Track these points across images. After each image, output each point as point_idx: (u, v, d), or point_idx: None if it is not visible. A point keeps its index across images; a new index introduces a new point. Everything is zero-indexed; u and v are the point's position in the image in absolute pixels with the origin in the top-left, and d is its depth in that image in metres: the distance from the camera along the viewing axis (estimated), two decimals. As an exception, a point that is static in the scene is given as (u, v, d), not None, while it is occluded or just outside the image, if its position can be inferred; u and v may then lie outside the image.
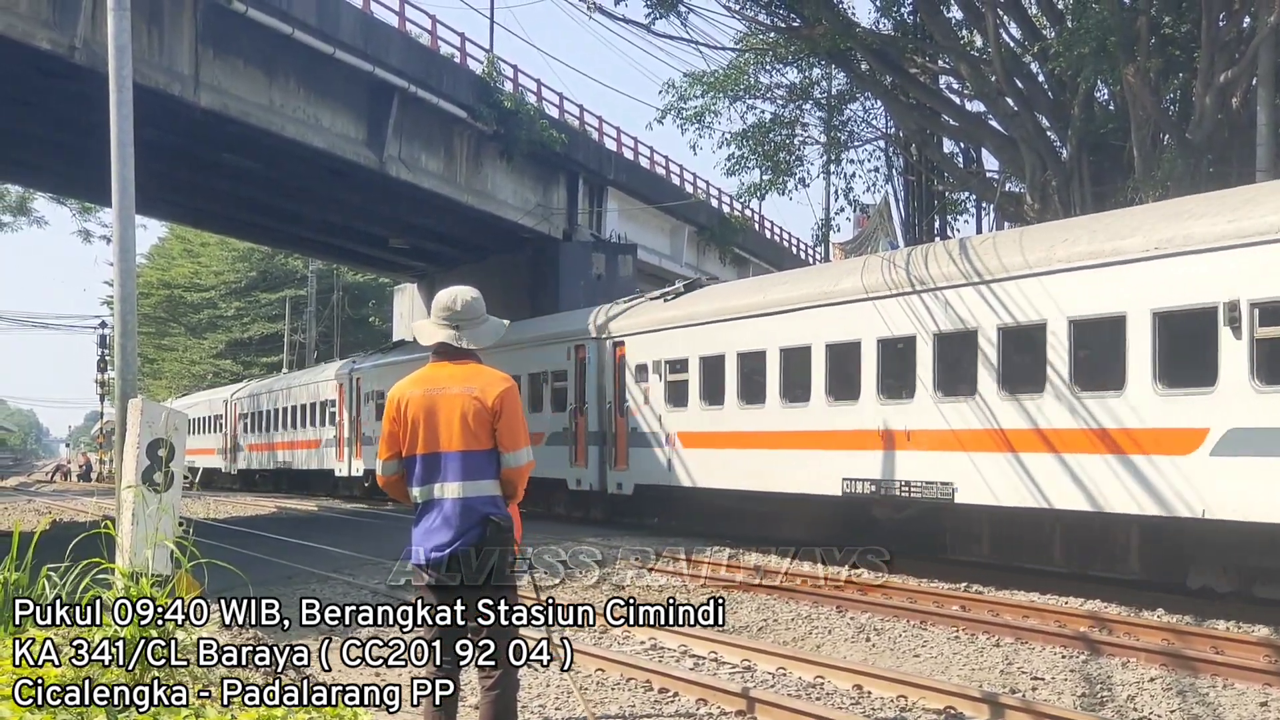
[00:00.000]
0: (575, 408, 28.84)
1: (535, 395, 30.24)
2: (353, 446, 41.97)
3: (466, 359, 7.09)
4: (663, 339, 26.19)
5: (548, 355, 30.13)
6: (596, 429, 28.14)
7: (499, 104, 39.06)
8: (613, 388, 27.71)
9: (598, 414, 28.15)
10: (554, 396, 29.86)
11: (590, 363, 28.50)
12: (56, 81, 27.63)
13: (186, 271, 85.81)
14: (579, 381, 28.89)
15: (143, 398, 10.22)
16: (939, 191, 35.52)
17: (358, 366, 42.55)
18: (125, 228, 11.74)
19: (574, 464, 28.84)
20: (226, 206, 44.94)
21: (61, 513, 37.05)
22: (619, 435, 27.43)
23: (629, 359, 27.12)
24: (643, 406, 26.52)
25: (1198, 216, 15.67)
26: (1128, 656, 12.59)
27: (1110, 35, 22.98)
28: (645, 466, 26.41)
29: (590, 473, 28.32)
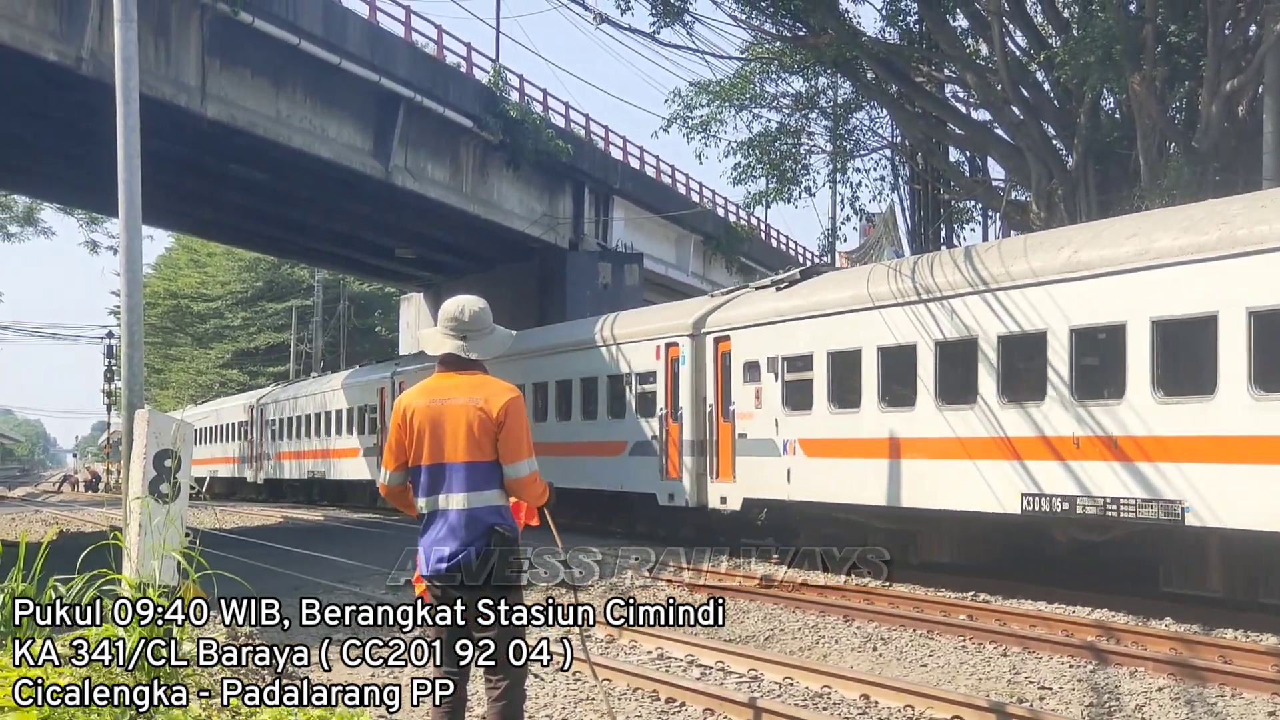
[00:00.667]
0: (666, 413, 25.79)
1: (615, 401, 27.87)
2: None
3: (473, 369, 7.07)
4: (779, 333, 22.78)
5: (631, 355, 27.33)
6: (693, 437, 25.01)
7: (505, 114, 39.10)
8: (714, 389, 24.56)
9: (694, 420, 25.02)
10: (639, 401, 26.89)
11: (685, 362, 25.40)
12: (63, 92, 27.73)
13: (193, 281, 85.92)
14: (670, 384, 25.84)
15: (149, 408, 10.24)
16: (945, 200, 35.52)
17: (404, 370, 39.51)
18: (132, 238, 11.76)
19: (665, 476, 25.70)
20: (233, 217, 45.01)
21: (68, 523, 37.13)
22: (722, 443, 24.28)
23: (735, 356, 23.86)
24: (753, 410, 23.18)
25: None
26: (1135, 666, 12.56)
27: (1116, 44, 22.98)
28: (756, 478, 23.08)
29: (685, 486, 25.06)
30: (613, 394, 27.86)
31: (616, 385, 27.75)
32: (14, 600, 8.01)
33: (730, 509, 24.05)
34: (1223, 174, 23.19)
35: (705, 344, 24.90)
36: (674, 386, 25.66)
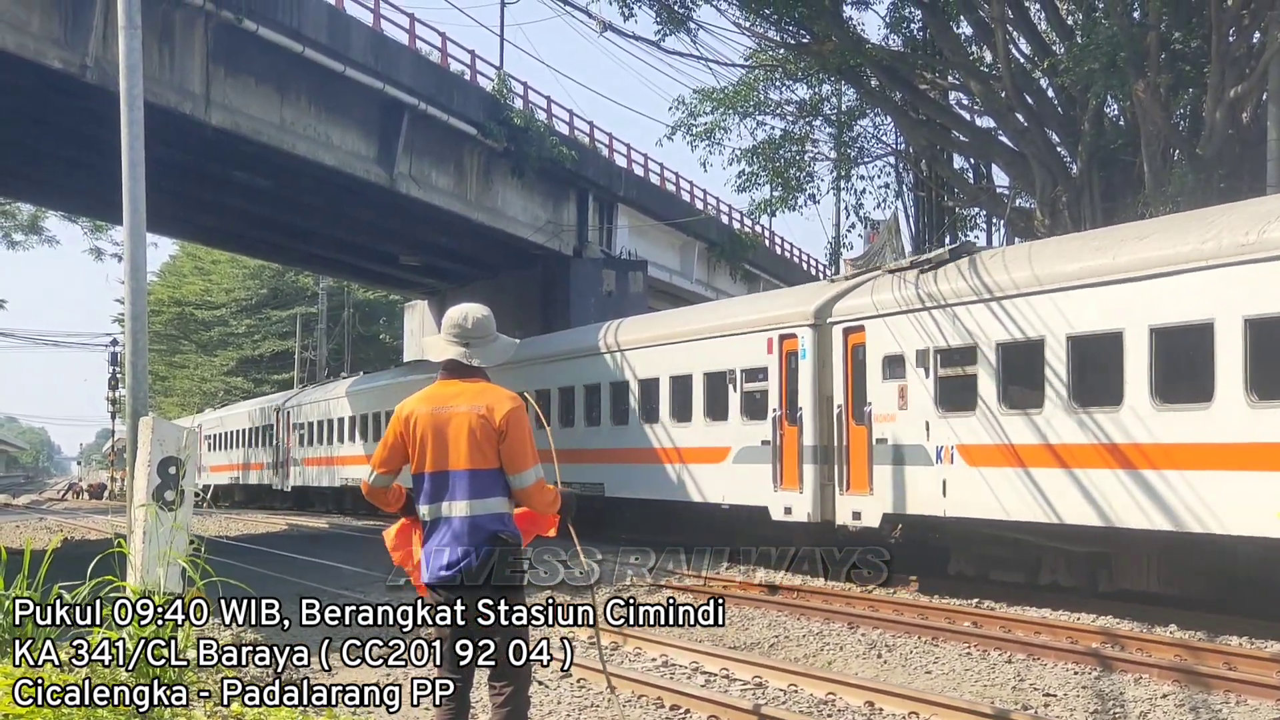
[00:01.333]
0: (780, 414, 22.54)
1: (715, 401, 24.69)
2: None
3: (475, 377, 7.08)
4: (930, 321, 19.57)
5: (734, 350, 24.04)
6: (816, 442, 21.72)
7: (509, 121, 39.14)
8: (844, 388, 21.27)
9: (818, 422, 21.74)
10: (745, 402, 23.68)
11: (805, 356, 22.06)
12: (68, 99, 27.75)
13: (197, 289, 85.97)
14: (786, 381, 22.57)
15: (154, 415, 10.25)
16: (949, 207, 35.52)
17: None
18: (136, 245, 11.79)
19: (780, 487, 22.39)
20: (237, 224, 45.05)
21: (73, 531, 37.11)
22: (854, 450, 21.02)
23: (872, 349, 20.65)
24: (896, 411, 20.07)
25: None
26: (1140, 673, 12.55)
27: (1120, 51, 22.99)
28: (900, 490, 19.87)
29: (806, 498, 21.71)
30: (712, 394, 24.72)
31: (717, 384, 24.60)
32: (15, 603, 8.02)
33: (864, 525, 20.74)
34: (1227, 181, 23.20)
35: (831, 335, 21.67)
36: (790, 384, 22.49)
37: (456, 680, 6.99)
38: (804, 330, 22.21)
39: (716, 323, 25.43)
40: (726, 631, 16.13)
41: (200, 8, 28.01)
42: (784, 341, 22.70)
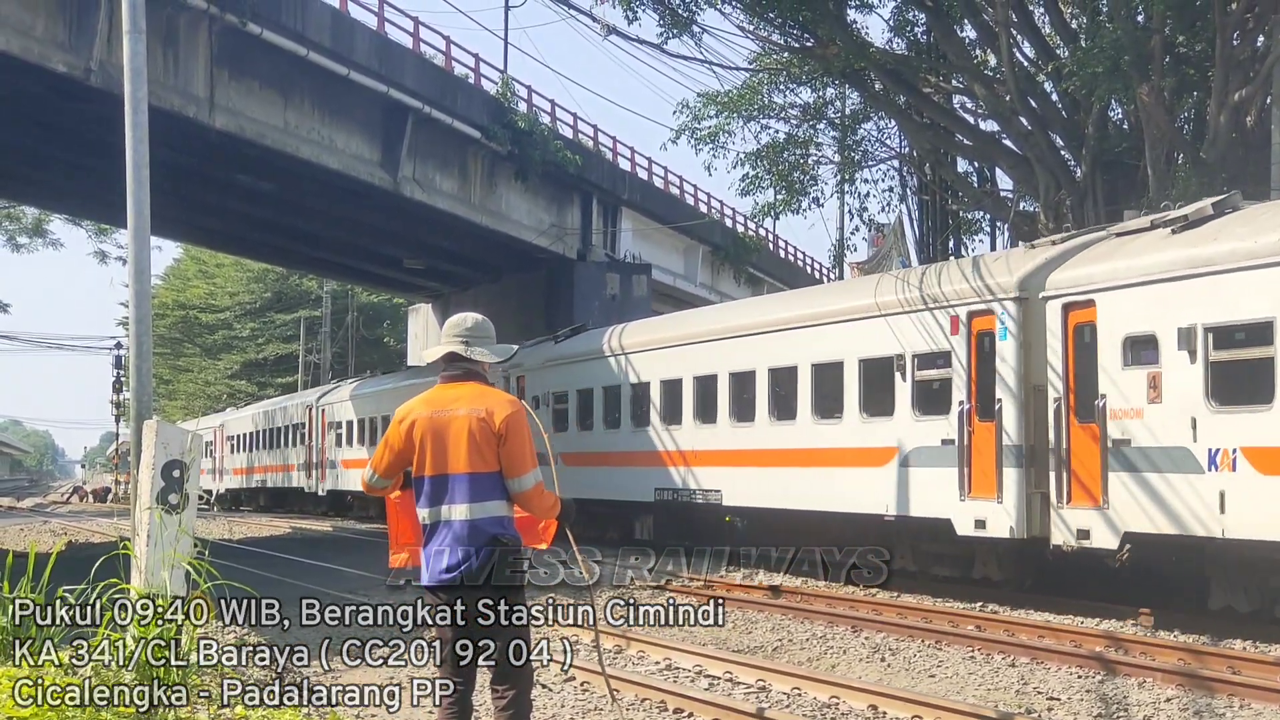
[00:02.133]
0: (969, 408, 18.85)
1: (874, 392, 21.01)
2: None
3: (475, 380, 7.10)
4: (1197, 291, 15.81)
5: (906, 331, 20.26)
6: (1021, 441, 18.03)
7: (513, 124, 39.15)
8: (1063, 375, 17.52)
9: (1024, 417, 18.05)
10: (920, 393, 20.00)
11: (1006, 337, 18.52)
12: (72, 103, 27.78)
13: (201, 292, 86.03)
14: (977, 367, 18.98)
15: (158, 419, 10.26)
16: (953, 211, 35.51)
17: (518, 360, 31.80)
18: (140, 249, 11.80)
19: (968, 495, 18.61)
20: (241, 227, 45.09)
21: (77, 534, 37.14)
22: (1078, 452, 17.31)
23: (1107, 328, 17.00)
24: (1144, 405, 16.44)
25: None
26: (1144, 676, 12.54)
27: (1124, 54, 22.99)
28: (1150, 503, 16.18)
29: (1007, 510, 17.99)
30: (870, 384, 21.05)
31: (878, 372, 20.86)
32: (16, 605, 8.03)
33: (1095, 546, 17.00)
34: (1230, 184, 23.19)
35: (1045, 312, 17.84)
36: (983, 371, 18.82)
37: (458, 682, 7.00)
38: (1004, 306, 18.55)
39: (876, 300, 21.06)
40: (730, 635, 16.13)
41: (204, 11, 28.03)
42: (974, 320, 18.99)
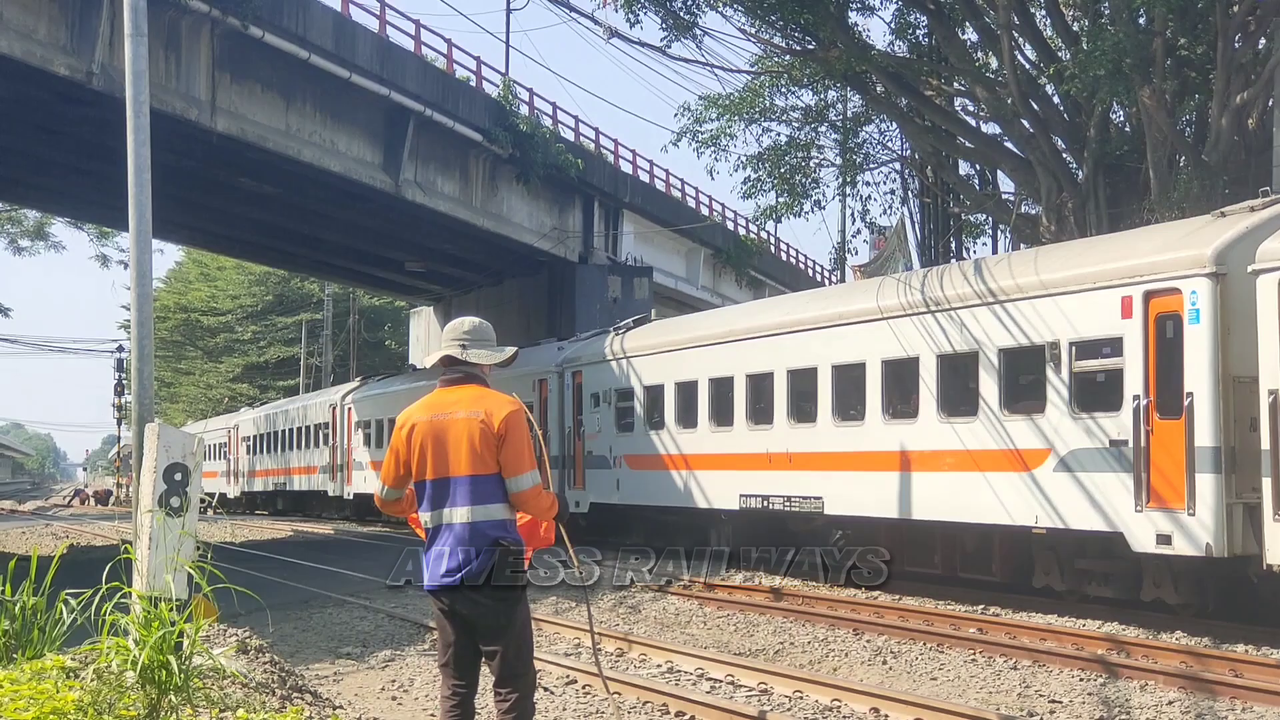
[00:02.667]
0: (1147, 403, 16.06)
1: (1018, 384, 18.45)
2: (572, 469, 29.75)
3: (474, 383, 7.11)
4: None
5: (1060, 315, 17.47)
6: (1217, 441, 15.21)
7: (515, 127, 39.17)
8: (1278, 363, 14.59)
9: (1220, 414, 15.23)
10: (1079, 386, 17.29)
11: (1198, 319, 15.58)
12: (74, 107, 27.81)
13: (203, 295, 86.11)
14: (1157, 355, 16.11)
15: (160, 421, 10.26)
16: (955, 213, 35.50)
17: (573, 355, 30.48)
18: (142, 252, 11.80)
19: (1146, 504, 15.86)
20: (243, 230, 45.14)
21: (79, 537, 37.16)
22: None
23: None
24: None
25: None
26: (1146, 679, 12.54)
27: (1126, 57, 22.98)
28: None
29: (1204, 523, 15.07)
30: (1013, 375, 18.40)
31: (1023, 363, 18.24)
32: (20, 609, 8.04)
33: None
34: (1232, 187, 23.19)
35: (1255, 288, 14.91)
36: (1165, 360, 15.99)
37: (460, 685, 7.00)
38: (1194, 283, 15.62)
39: (1035, 280, 18.01)
40: (732, 638, 16.15)
41: (206, 14, 28.05)
42: (1152, 300, 16.16)
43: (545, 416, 29.91)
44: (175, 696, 7.13)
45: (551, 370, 30.48)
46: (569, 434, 29.55)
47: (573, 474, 29.31)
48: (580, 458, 29.13)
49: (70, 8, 25.54)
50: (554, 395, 30.19)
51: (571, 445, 29.42)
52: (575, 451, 29.26)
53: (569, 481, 29.11)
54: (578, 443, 29.20)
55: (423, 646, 15.07)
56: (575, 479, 29.18)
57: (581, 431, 29.05)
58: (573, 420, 29.48)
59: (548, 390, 30.46)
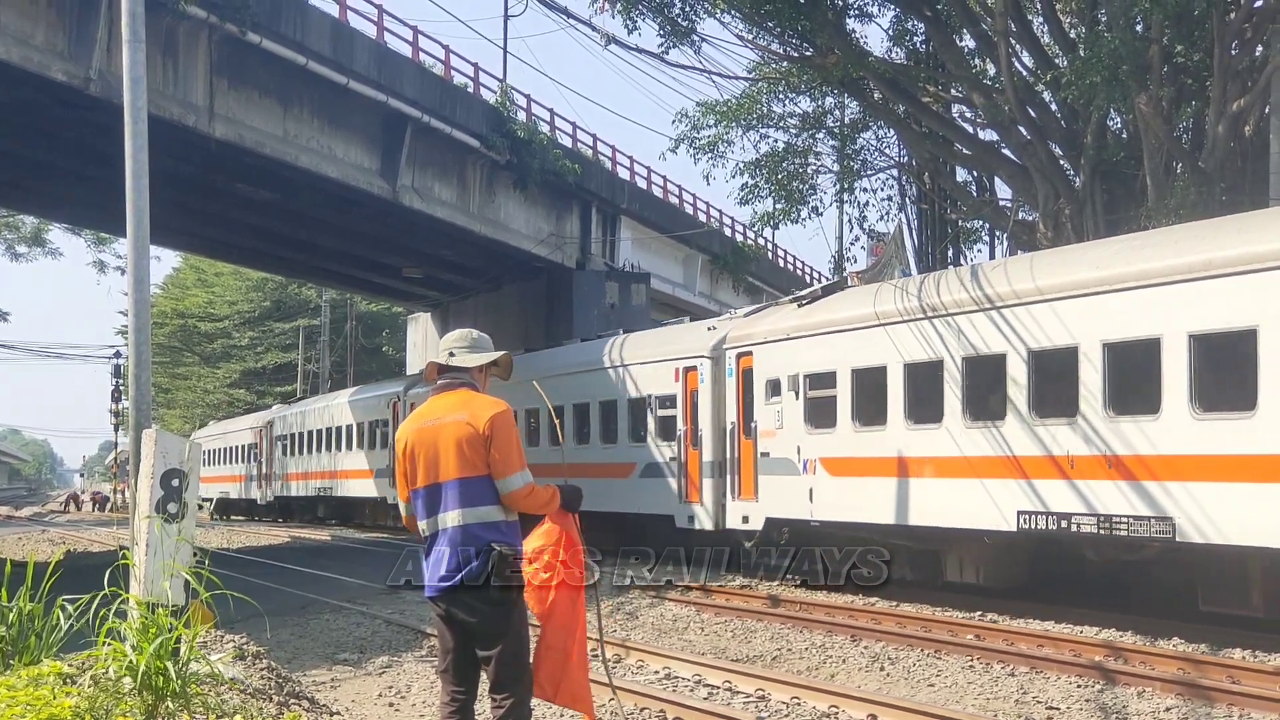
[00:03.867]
0: None
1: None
2: (733, 475, 24.20)
3: (463, 388, 7.13)
4: None
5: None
6: None
7: (512, 133, 39.17)
8: None
9: None
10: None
11: None
12: (71, 112, 27.80)
13: (200, 301, 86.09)
14: None
15: (157, 427, 10.26)
16: (952, 220, 35.53)
17: (738, 335, 24.65)
18: (140, 258, 11.79)
19: None
20: (241, 236, 45.12)
21: (76, 543, 37.13)
22: None
23: None
24: None
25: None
26: (1143, 686, 12.55)
27: (1122, 64, 23.00)
28: None
29: None
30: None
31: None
32: (18, 615, 8.03)
33: None
34: (1229, 194, 23.21)
35: None
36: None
37: (460, 692, 7.01)
38: None
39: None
40: (729, 644, 16.15)
41: (204, 20, 28.04)
42: None
43: (693, 412, 25.39)
44: (172, 702, 7.13)
45: (702, 355, 25.35)
46: (731, 432, 24.13)
47: (735, 482, 23.92)
48: (749, 462, 23.56)
49: (68, 14, 25.54)
50: (706, 385, 25.02)
51: (734, 446, 24.10)
52: (740, 454, 23.90)
53: (732, 491, 24.00)
54: (744, 443, 23.81)
55: (420, 652, 15.07)
56: (739, 488, 23.79)
57: (751, 428, 23.48)
58: (737, 415, 24.01)
59: (697, 380, 25.37)
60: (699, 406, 25.14)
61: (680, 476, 25.51)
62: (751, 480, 23.31)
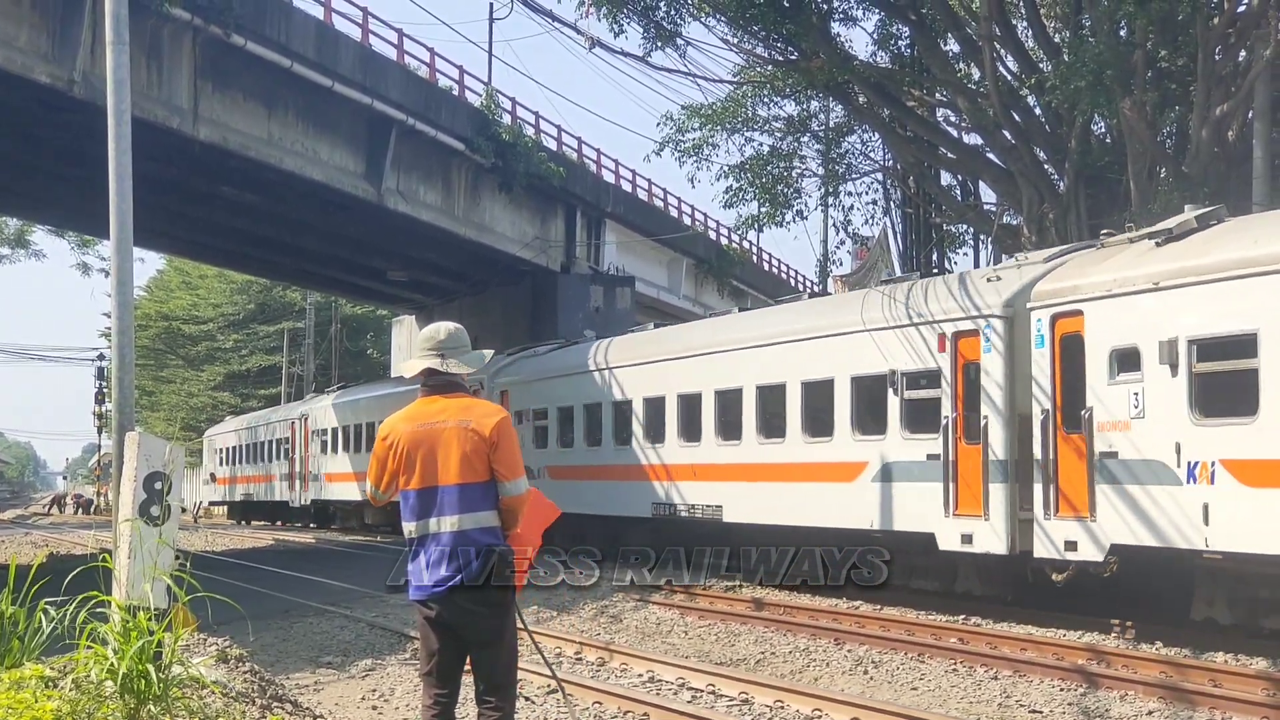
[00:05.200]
0: None
1: None
2: (1048, 482, 16.98)
3: (458, 392, 7.12)
4: None
5: None
6: None
7: (497, 136, 39.16)
8: None
9: None
10: None
11: None
12: (55, 114, 27.74)
13: (185, 304, 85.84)
14: None
15: (140, 430, 10.24)
16: (937, 224, 35.61)
17: (1052, 288, 17.56)
18: (123, 260, 11.76)
19: None
20: (225, 239, 45.04)
21: (58, 545, 37.03)
22: None
23: None
24: None
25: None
26: (1126, 689, 12.57)
27: (1106, 69, 23.07)
28: None
29: None
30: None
31: None
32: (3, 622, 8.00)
33: None
34: (1212, 199, 23.28)
35: None
36: None
37: (443, 695, 6.99)
38: None
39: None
40: (713, 647, 16.15)
41: (188, 23, 27.98)
42: None
43: (968, 392, 18.60)
44: (154, 706, 7.11)
45: (988, 314, 18.48)
46: (1044, 422, 17.08)
47: (1052, 491, 16.84)
48: (1077, 464, 16.64)
49: (52, 16, 25.48)
50: (996, 356, 18.16)
51: (1048, 442, 17.04)
52: (1057, 453, 16.96)
53: (1046, 504, 16.81)
54: (1065, 438, 16.88)
55: (403, 656, 15.05)
56: (1058, 500, 16.78)
57: (1082, 417, 16.50)
58: (1053, 398, 17.06)
59: (977, 349, 18.49)
60: (982, 385, 18.21)
61: (948, 481, 18.38)
62: (1083, 490, 16.39)
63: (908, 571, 19.62)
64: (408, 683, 13.17)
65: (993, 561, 18.13)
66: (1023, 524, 17.31)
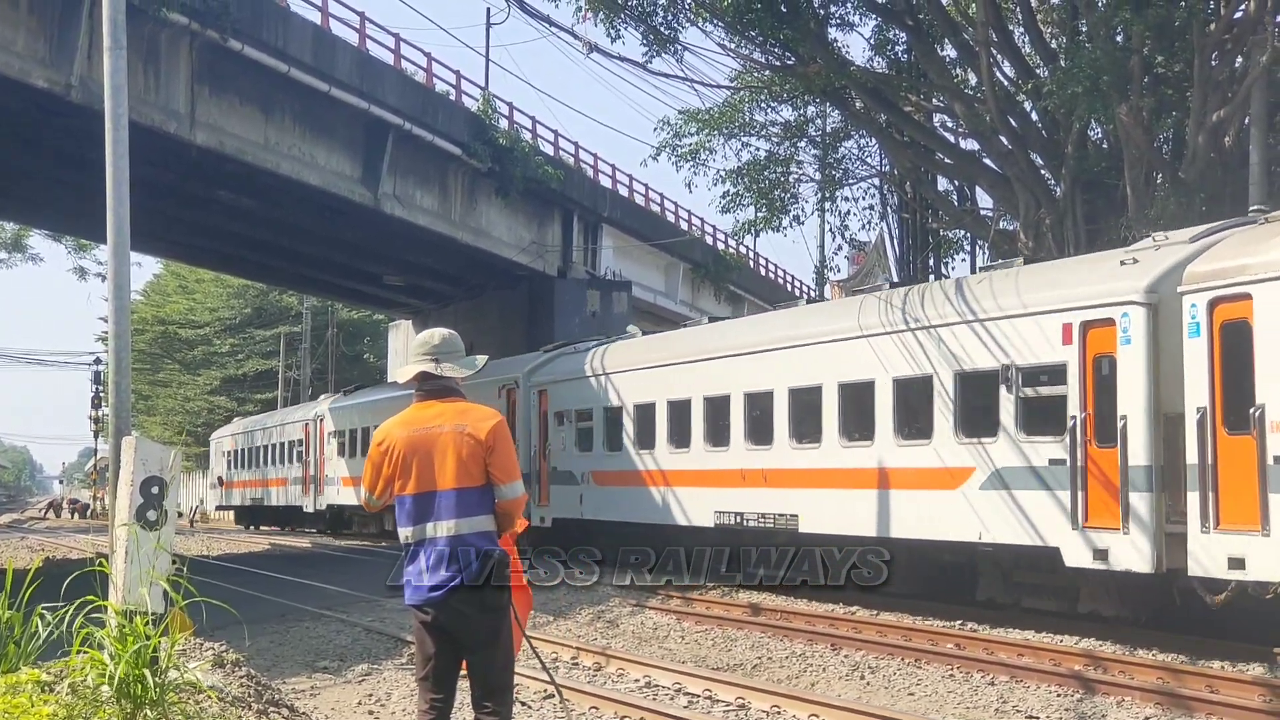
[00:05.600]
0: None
1: None
2: (1208, 490, 14.61)
3: (453, 397, 7.12)
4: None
5: None
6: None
7: (494, 141, 39.17)
8: None
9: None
10: None
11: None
12: (53, 119, 27.73)
13: (181, 308, 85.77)
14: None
15: (137, 435, 10.23)
16: (933, 229, 35.60)
17: (1222, 265, 15.21)
18: (120, 265, 11.75)
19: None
20: (222, 243, 45.00)
21: (55, 550, 36.99)
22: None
23: None
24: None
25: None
26: (1122, 695, 12.56)
27: (1103, 74, 23.07)
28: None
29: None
30: None
31: None
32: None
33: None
34: (1209, 204, 23.28)
35: None
36: None
37: (438, 700, 6.99)
38: None
39: None
40: (710, 652, 16.14)
41: (186, 27, 27.97)
42: None
43: (1099, 389, 16.43)
44: (151, 711, 7.10)
45: (1126, 300, 16.14)
46: (1200, 422, 14.70)
47: (1212, 502, 14.51)
48: (1243, 471, 14.29)
49: (49, 20, 25.47)
50: (1137, 348, 15.92)
51: (1207, 445, 14.67)
52: (1215, 459, 14.62)
53: (1204, 517, 14.50)
54: (1226, 442, 14.58)
55: (400, 660, 15.03)
56: (1218, 511, 14.44)
57: (1254, 418, 14.12)
58: (1211, 395, 14.70)
59: (1113, 339, 16.28)
60: (1118, 380, 16.09)
61: (1076, 489, 16.36)
62: (1252, 500, 14.10)
63: (1015, 588, 18.11)
64: (404, 687, 13.15)
65: (1131, 580, 15.99)
66: (1170, 538, 15.13)
